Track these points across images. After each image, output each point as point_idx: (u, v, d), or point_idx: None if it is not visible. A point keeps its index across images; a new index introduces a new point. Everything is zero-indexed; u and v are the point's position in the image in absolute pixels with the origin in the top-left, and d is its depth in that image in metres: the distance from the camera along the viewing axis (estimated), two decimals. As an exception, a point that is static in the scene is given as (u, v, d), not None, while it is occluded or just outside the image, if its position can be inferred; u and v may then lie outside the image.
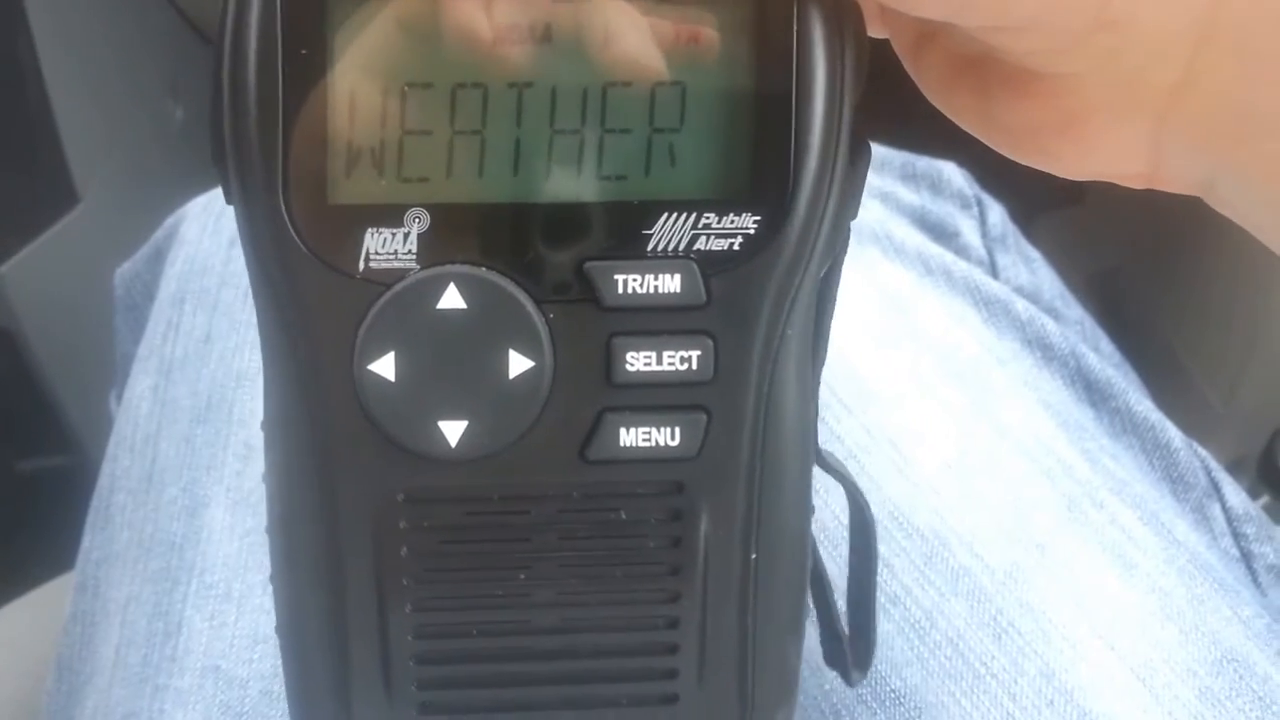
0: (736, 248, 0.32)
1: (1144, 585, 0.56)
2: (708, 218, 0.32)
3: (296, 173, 0.31)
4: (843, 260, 0.36)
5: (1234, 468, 1.15)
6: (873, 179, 0.77)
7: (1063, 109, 0.34)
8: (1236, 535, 0.64)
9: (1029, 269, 0.77)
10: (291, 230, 0.31)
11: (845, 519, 0.54)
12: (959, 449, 0.59)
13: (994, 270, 0.76)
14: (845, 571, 0.46)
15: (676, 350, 0.33)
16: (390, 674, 0.36)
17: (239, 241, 0.69)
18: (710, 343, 0.33)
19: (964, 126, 0.36)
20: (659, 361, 0.33)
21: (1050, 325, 0.68)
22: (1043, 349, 0.67)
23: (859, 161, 0.34)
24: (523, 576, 0.35)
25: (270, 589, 0.51)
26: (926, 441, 0.59)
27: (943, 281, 0.69)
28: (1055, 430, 0.62)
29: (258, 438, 0.60)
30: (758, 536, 0.35)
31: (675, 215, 0.32)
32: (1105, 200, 1.51)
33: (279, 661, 0.54)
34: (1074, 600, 0.54)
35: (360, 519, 0.34)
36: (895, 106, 0.35)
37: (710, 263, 0.32)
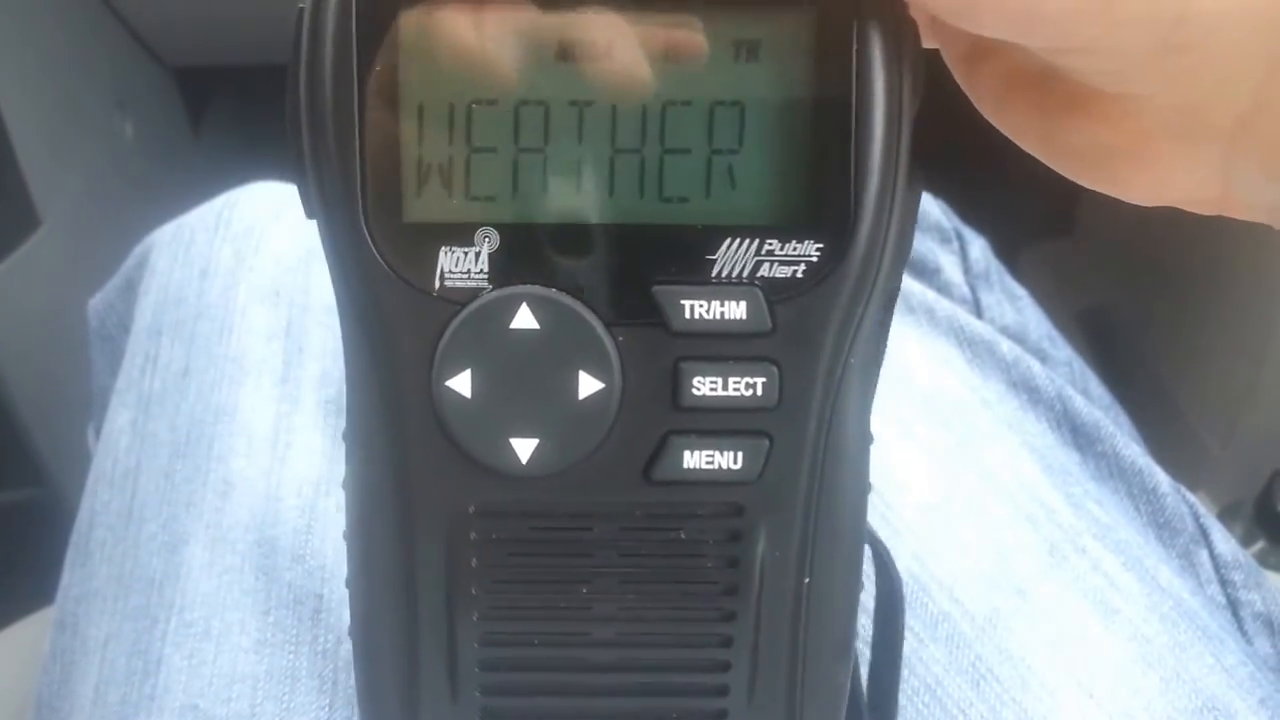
0: (800, 275, 0.33)
1: (1125, 632, 0.56)
2: (770, 244, 0.33)
3: (374, 191, 0.32)
4: (899, 288, 0.36)
5: (1230, 512, 1.15)
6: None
7: (1128, 131, 0.33)
8: (1224, 582, 0.63)
9: (1014, 307, 0.77)
10: (373, 247, 0.32)
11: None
12: (941, 493, 0.59)
13: (978, 309, 0.75)
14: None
15: (742, 376, 0.33)
16: (456, 678, 0.37)
17: (210, 273, 0.69)
18: (775, 370, 0.33)
19: (1022, 145, 0.36)
20: (725, 387, 0.33)
21: (1036, 367, 0.68)
22: (1028, 391, 0.67)
23: (916, 184, 0.34)
24: (584, 590, 0.36)
25: (245, 627, 0.50)
26: (909, 485, 0.59)
27: (925, 321, 0.68)
28: (1039, 474, 0.62)
29: (236, 474, 0.60)
30: (812, 561, 0.36)
31: (738, 241, 0.33)
32: (1095, 232, 1.51)
33: (256, 700, 0.54)
34: (1053, 647, 0.54)
35: (434, 529, 0.35)
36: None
37: (774, 289, 0.33)
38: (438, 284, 0.33)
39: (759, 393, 0.33)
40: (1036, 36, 0.31)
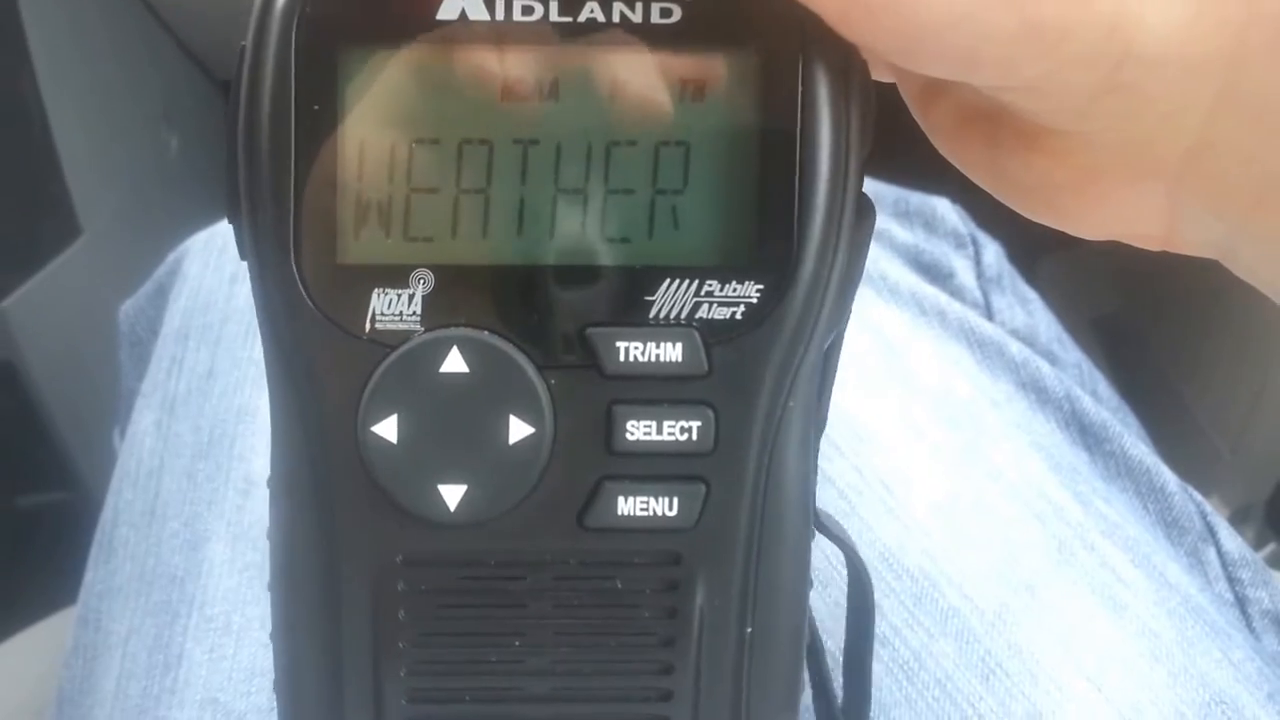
0: (739, 317, 0.32)
1: (1134, 627, 0.56)
2: (710, 285, 0.32)
3: (308, 232, 0.31)
4: (844, 331, 0.36)
5: (1241, 515, 1.15)
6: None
7: (1075, 167, 0.34)
8: (1231, 580, 0.64)
9: (1025, 310, 0.77)
10: (302, 290, 0.32)
11: (835, 557, 0.54)
12: (950, 491, 0.60)
13: (989, 312, 0.76)
14: (831, 621, 0.46)
15: (677, 420, 0.33)
16: None
17: (239, 278, 0.69)
18: (711, 414, 0.33)
19: (974, 179, 0.36)
20: (659, 431, 0.33)
21: (1045, 368, 0.68)
22: (1037, 392, 0.68)
23: (864, 223, 0.33)
24: (517, 643, 0.35)
25: (266, 622, 0.51)
26: (918, 483, 0.60)
27: (936, 323, 0.69)
28: (1047, 473, 0.62)
29: (258, 472, 0.61)
30: (754, 610, 0.35)
31: (677, 282, 0.32)
32: (1108, 242, 1.51)
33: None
34: (1062, 642, 0.55)
35: (360, 580, 0.34)
36: (887, 139, 0.35)
37: (712, 331, 0.32)
38: (368, 327, 0.32)
39: (694, 437, 0.33)
40: (979, 76, 0.31)
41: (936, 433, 0.62)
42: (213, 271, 0.73)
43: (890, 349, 0.66)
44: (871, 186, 0.78)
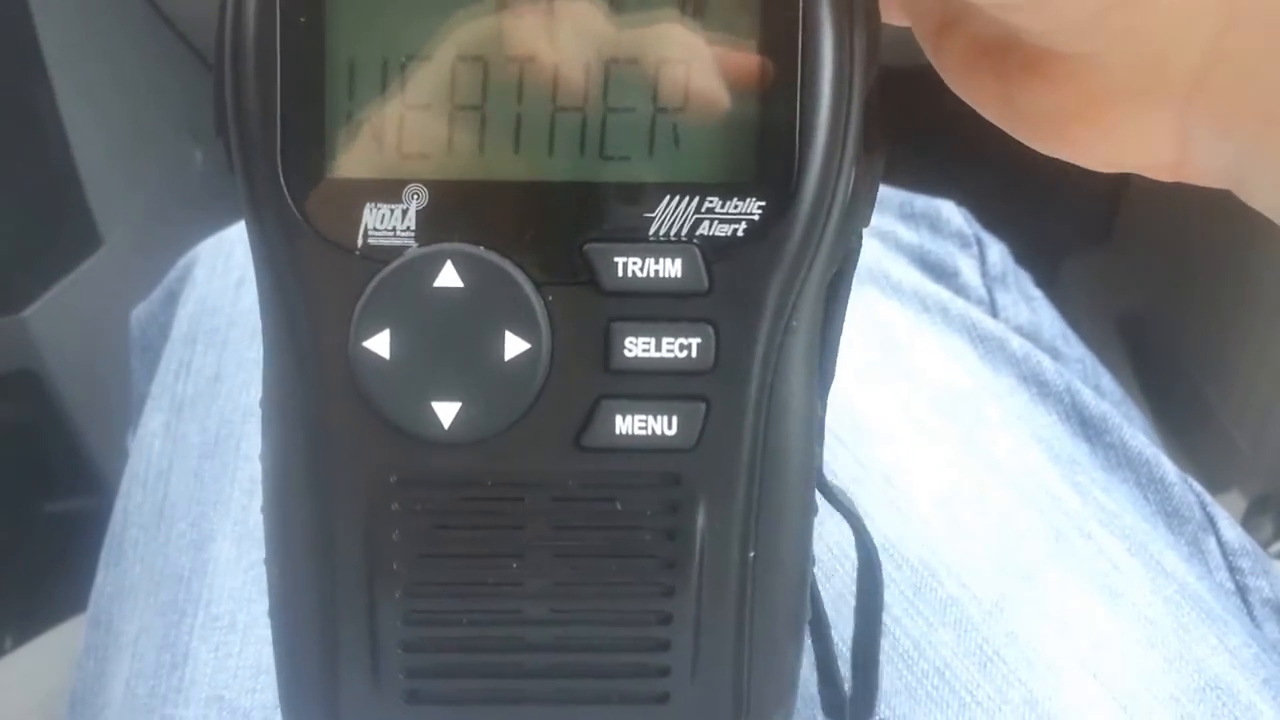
0: (740, 234, 0.32)
1: (1129, 614, 0.56)
2: (711, 201, 0.32)
3: (295, 143, 0.31)
4: (854, 267, 0.35)
5: (1259, 506, 1.15)
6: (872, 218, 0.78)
7: (1084, 92, 0.33)
8: (1232, 569, 0.64)
9: (1029, 307, 0.78)
10: (290, 201, 0.31)
11: (837, 549, 0.55)
12: (950, 482, 0.60)
13: (994, 309, 0.76)
14: (834, 613, 0.45)
15: (676, 337, 0.32)
16: (378, 660, 0.35)
17: (246, 282, 0.69)
18: (711, 331, 0.32)
19: (986, 114, 0.36)
20: (658, 348, 0.32)
21: (1046, 362, 0.69)
22: (1038, 385, 0.68)
23: (875, 156, 0.33)
24: (515, 565, 0.34)
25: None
26: (918, 475, 0.60)
27: (939, 319, 0.69)
28: (1046, 464, 0.62)
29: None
30: (756, 534, 0.34)
31: (678, 199, 0.32)
32: (1133, 242, 1.51)
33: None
34: (1059, 629, 0.55)
35: (352, 500, 0.33)
36: (899, 143, 0.35)
37: (713, 248, 0.32)
38: (360, 242, 0.31)
39: (694, 355, 0.32)
40: None
41: (937, 425, 0.63)
42: (220, 276, 0.73)
43: (893, 343, 0.66)
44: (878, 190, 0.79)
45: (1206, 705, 0.53)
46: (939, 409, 0.64)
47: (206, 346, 0.70)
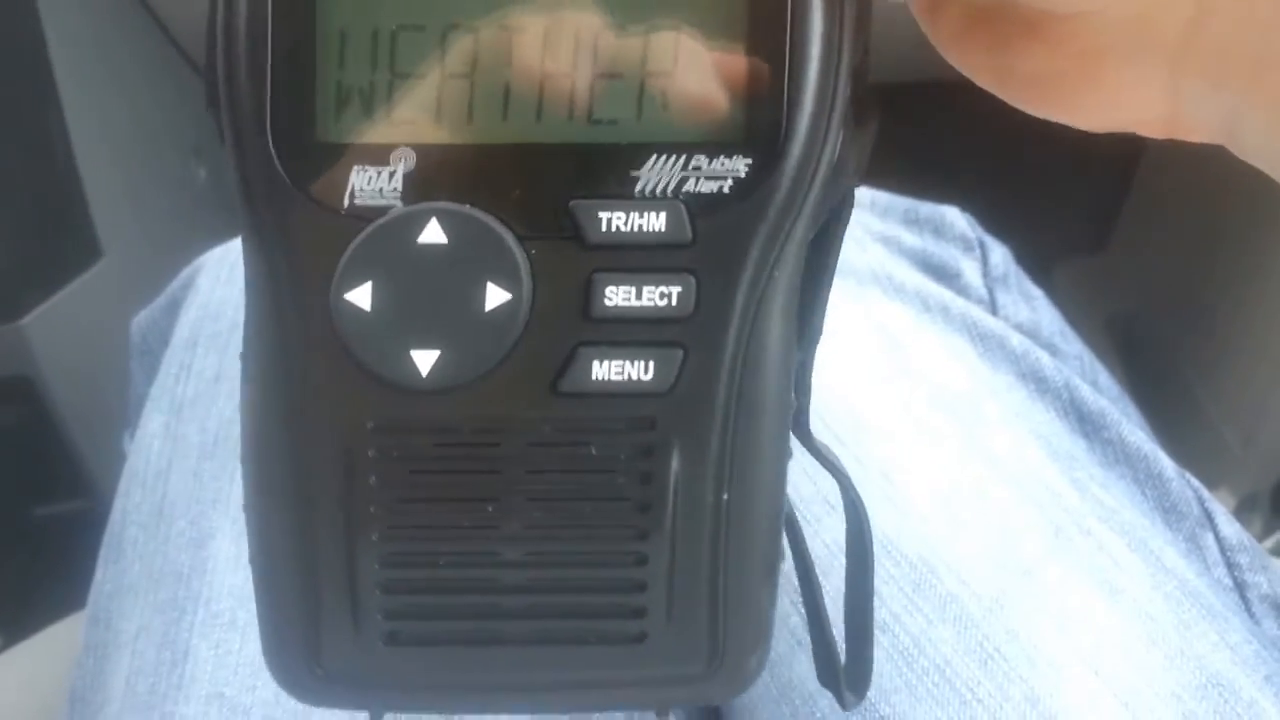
0: (726, 190, 0.32)
1: (1130, 611, 0.56)
2: (698, 160, 0.32)
3: (284, 109, 0.32)
4: (843, 228, 0.36)
5: (1248, 503, 1.16)
6: (875, 223, 0.78)
7: (1078, 53, 0.34)
8: (1230, 565, 0.64)
9: (1029, 306, 0.78)
10: (277, 164, 0.32)
11: (834, 545, 0.55)
12: (949, 479, 0.60)
13: (994, 308, 0.76)
14: (831, 604, 0.45)
15: (657, 286, 0.33)
16: (358, 603, 0.35)
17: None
18: (692, 280, 0.33)
19: (980, 82, 0.36)
20: (638, 297, 0.33)
21: (1045, 359, 0.69)
22: (1036, 381, 0.68)
23: (866, 118, 0.33)
24: (491, 509, 0.35)
25: None
26: (917, 472, 0.60)
27: (940, 318, 0.70)
28: (1045, 460, 0.63)
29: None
30: (731, 477, 0.35)
31: (665, 157, 0.32)
32: (1127, 245, 1.52)
33: (280, 688, 0.55)
34: (1059, 626, 0.55)
35: (330, 447, 0.34)
36: (900, 154, 0.35)
37: (699, 204, 0.32)
38: (346, 202, 0.32)
39: (674, 303, 0.33)
40: None
41: (937, 421, 0.63)
42: (224, 284, 0.74)
43: (893, 342, 0.67)
44: (883, 198, 0.80)
45: (1209, 703, 0.53)
46: (938, 406, 0.64)
47: (208, 349, 0.70)
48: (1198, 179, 1.29)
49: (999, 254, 0.79)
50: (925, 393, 0.64)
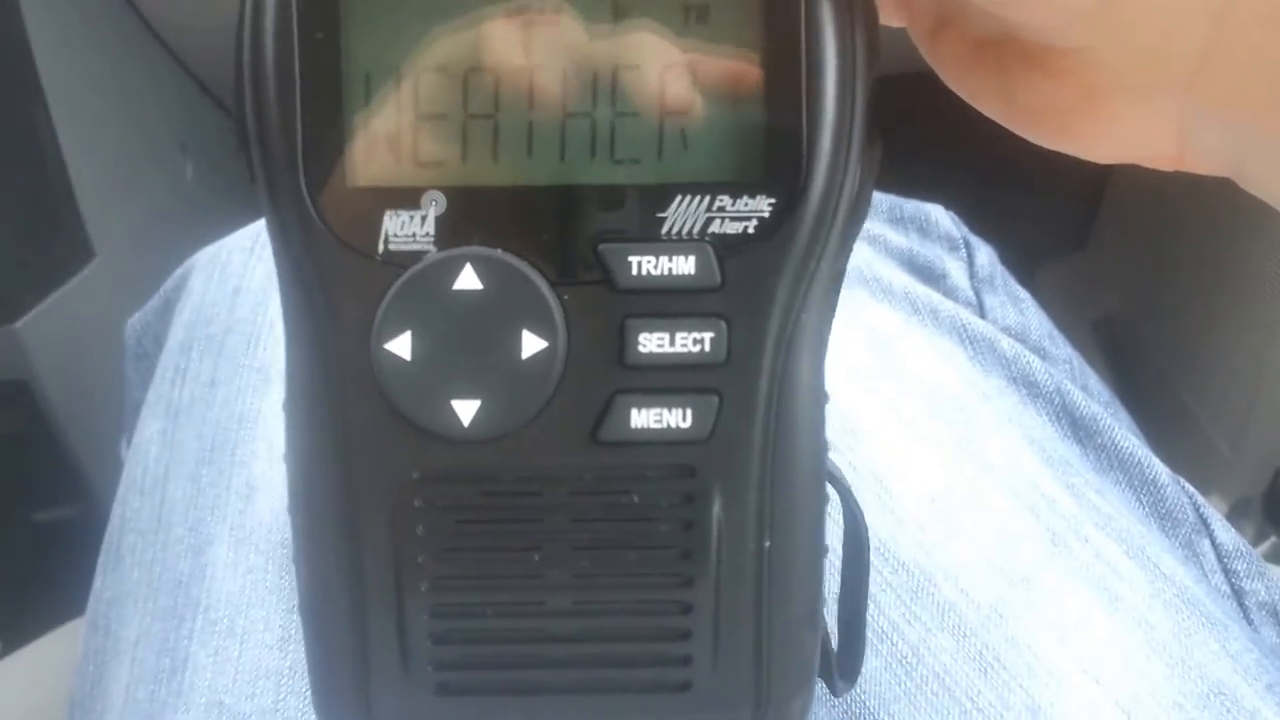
0: (751, 230, 0.32)
1: (1129, 619, 0.56)
2: (722, 200, 0.32)
3: (315, 155, 0.32)
4: (850, 251, 0.36)
5: (1239, 509, 1.16)
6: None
7: (1083, 86, 0.34)
8: (1227, 572, 0.64)
9: (1017, 309, 0.78)
10: (312, 210, 0.32)
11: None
12: (943, 484, 0.60)
13: (981, 310, 0.76)
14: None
15: (690, 332, 0.33)
16: (407, 653, 0.36)
17: (242, 290, 0.70)
18: (724, 325, 0.33)
19: (985, 111, 0.36)
20: (672, 343, 0.33)
21: (1036, 363, 0.69)
22: (1028, 386, 0.68)
23: (874, 148, 0.34)
24: (536, 557, 0.35)
25: (269, 624, 0.50)
26: (911, 477, 0.60)
27: (929, 321, 0.69)
28: (1040, 466, 0.62)
29: (259, 477, 0.62)
30: (771, 522, 0.35)
31: (689, 198, 0.32)
32: (1108, 246, 1.52)
33: (280, 696, 0.55)
34: (1059, 634, 0.55)
35: (377, 497, 0.34)
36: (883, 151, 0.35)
37: (725, 245, 0.32)
38: (381, 248, 0.32)
39: (707, 348, 0.33)
40: None
41: (929, 426, 0.63)
42: (216, 285, 0.74)
43: (883, 345, 0.66)
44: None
45: (1211, 712, 0.53)
46: (930, 410, 0.64)
47: (203, 353, 0.70)
48: (1176, 176, 1.29)
49: (984, 254, 0.79)
50: (916, 396, 0.64)
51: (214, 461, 0.64)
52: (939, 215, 0.79)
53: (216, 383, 0.68)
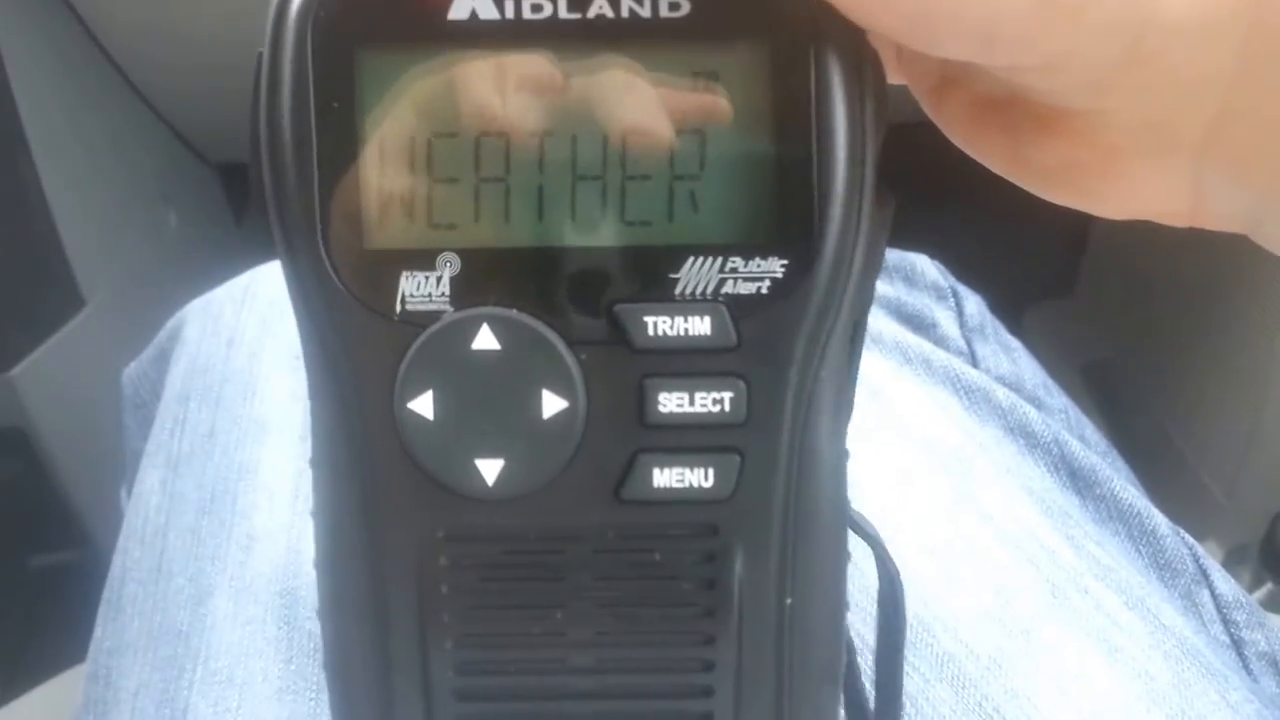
0: (765, 291, 0.33)
1: (1129, 670, 0.56)
2: (734, 261, 0.32)
3: (333, 220, 0.32)
4: (868, 310, 0.36)
5: (1236, 556, 1.15)
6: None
7: (1095, 147, 0.33)
8: (1226, 622, 0.64)
9: (1010, 358, 0.78)
10: (331, 272, 0.33)
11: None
12: (942, 535, 0.60)
13: (974, 360, 0.76)
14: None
15: (709, 392, 0.33)
16: (432, 709, 0.36)
17: (236, 342, 0.70)
18: (743, 385, 0.33)
19: (994, 169, 0.36)
20: (691, 403, 0.33)
21: (1032, 413, 0.69)
22: (1025, 436, 0.68)
23: (885, 206, 0.34)
24: (559, 615, 0.35)
25: (268, 675, 0.50)
26: (909, 528, 0.60)
27: (922, 370, 0.69)
28: (1038, 517, 0.62)
29: (259, 528, 0.62)
30: (793, 580, 0.35)
31: (701, 259, 0.33)
32: (1096, 289, 1.52)
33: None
34: (1058, 686, 0.55)
35: (402, 556, 0.35)
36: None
37: (739, 306, 0.33)
38: (399, 308, 0.33)
39: (727, 408, 0.33)
40: (996, 56, 0.31)
41: (926, 476, 0.63)
42: (210, 336, 0.74)
43: (877, 396, 0.66)
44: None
45: None
46: (927, 461, 0.64)
47: (200, 404, 0.70)
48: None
49: (973, 303, 0.79)
50: (913, 447, 0.64)
51: (214, 512, 0.64)
52: (924, 264, 0.79)
53: (215, 433, 0.68)
